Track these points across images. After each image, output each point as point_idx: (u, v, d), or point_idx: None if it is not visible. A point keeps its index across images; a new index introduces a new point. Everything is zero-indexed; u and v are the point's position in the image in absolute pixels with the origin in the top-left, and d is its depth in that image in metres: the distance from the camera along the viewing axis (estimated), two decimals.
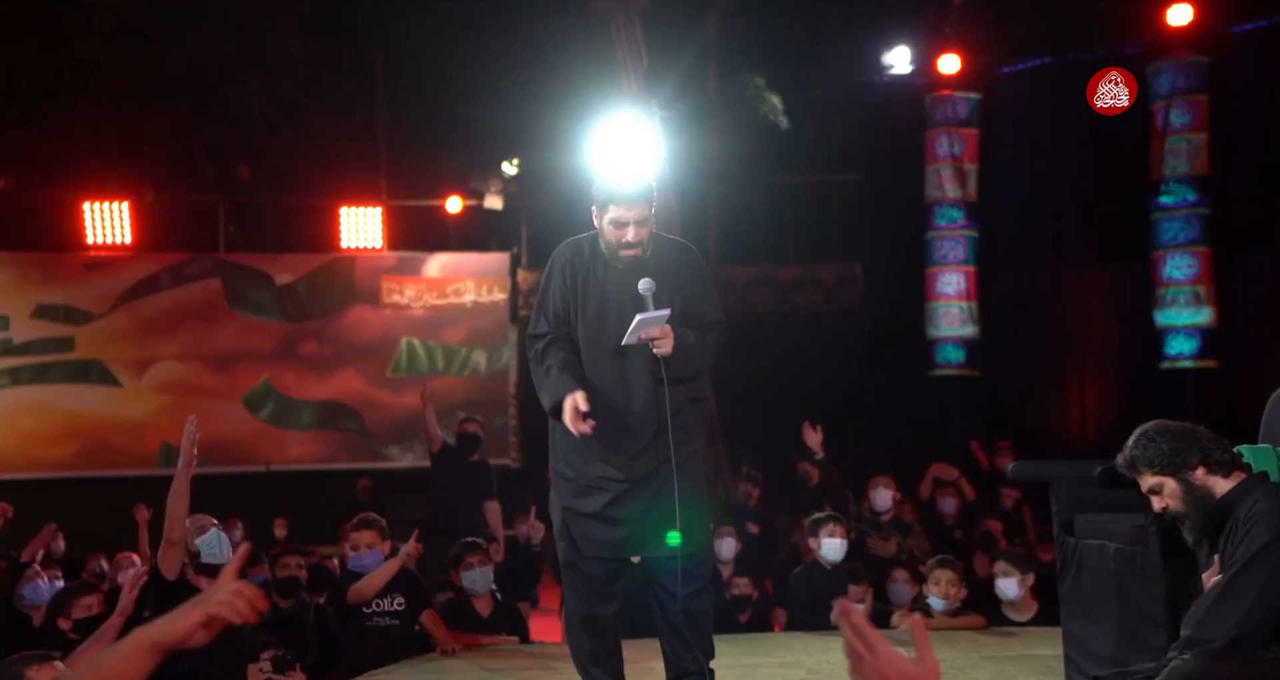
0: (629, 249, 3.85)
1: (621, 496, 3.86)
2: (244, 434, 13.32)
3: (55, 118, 12.82)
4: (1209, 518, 3.28)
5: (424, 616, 5.46)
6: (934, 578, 5.58)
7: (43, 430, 13.23)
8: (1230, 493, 3.27)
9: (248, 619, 2.04)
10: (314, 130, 13.15)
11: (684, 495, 3.80)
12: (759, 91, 12.94)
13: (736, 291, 13.14)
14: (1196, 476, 3.29)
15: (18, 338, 13.19)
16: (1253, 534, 3.10)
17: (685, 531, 3.81)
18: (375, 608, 5.41)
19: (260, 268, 13.54)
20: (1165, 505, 3.34)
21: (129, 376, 13.33)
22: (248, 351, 13.51)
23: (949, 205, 12.92)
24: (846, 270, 13.46)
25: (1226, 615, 3.03)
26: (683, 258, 4.01)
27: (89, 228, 13.14)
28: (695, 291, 3.95)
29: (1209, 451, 3.30)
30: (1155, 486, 3.34)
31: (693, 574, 3.90)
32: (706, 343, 3.89)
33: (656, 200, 3.99)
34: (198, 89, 12.82)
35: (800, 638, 5.60)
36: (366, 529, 5.55)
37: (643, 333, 3.75)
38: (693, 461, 3.91)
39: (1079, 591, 3.91)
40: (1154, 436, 3.34)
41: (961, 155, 12.97)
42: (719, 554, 6.91)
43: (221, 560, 4.89)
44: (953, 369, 12.84)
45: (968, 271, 12.85)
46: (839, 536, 5.97)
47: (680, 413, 3.85)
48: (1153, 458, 3.32)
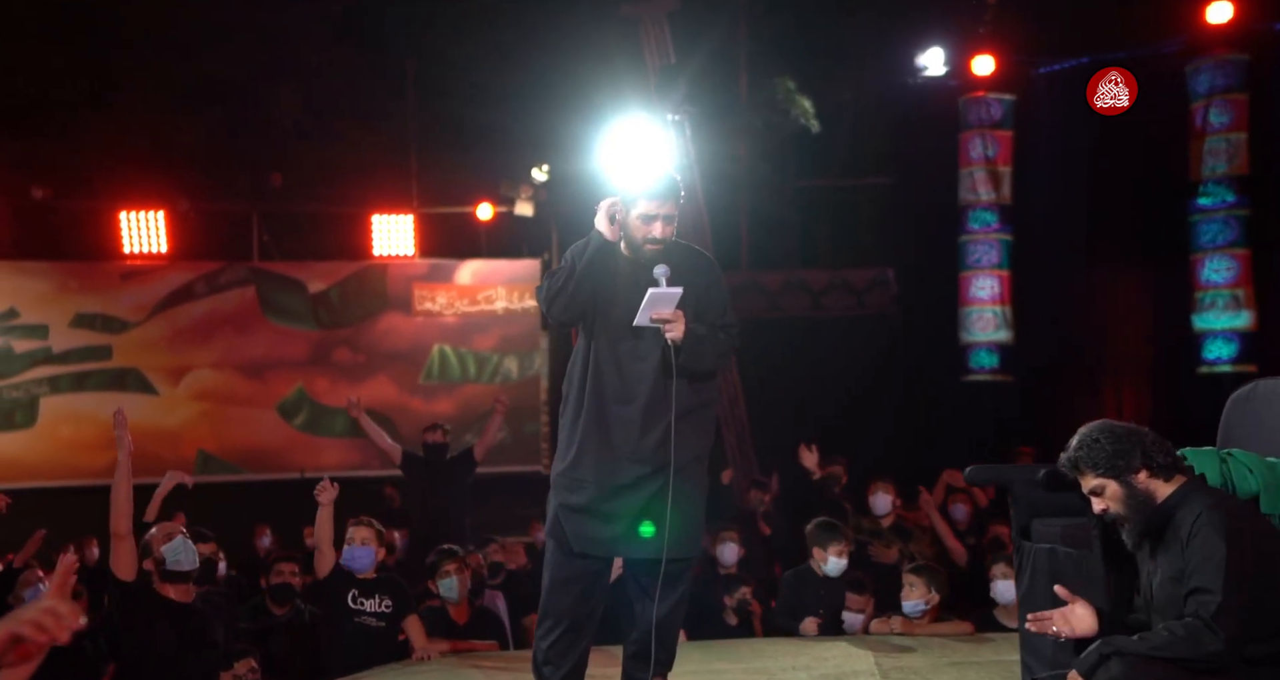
0: (654, 244, 3.86)
1: (617, 492, 3.82)
2: (278, 441, 13.42)
3: (91, 128, 12.97)
4: (1149, 521, 3.28)
5: (407, 622, 5.51)
6: (908, 582, 5.59)
7: (82, 438, 13.38)
8: (1171, 497, 3.27)
9: (58, 639, 1.90)
10: (346, 138, 13.23)
11: (681, 499, 3.77)
12: (790, 94, 12.88)
13: (767, 296, 13.08)
14: (1139, 480, 3.28)
15: (57, 346, 13.36)
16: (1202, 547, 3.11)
17: (676, 536, 3.77)
18: (362, 607, 5.47)
19: (293, 275, 13.64)
20: (1106, 507, 3.33)
21: (165, 384, 13.46)
22: (282, 359, 13.61)
23: (982, 208, 12.79)
24: (878, 275, 13.36)
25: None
26: (697, 262, 4.01)
27: (125, 237, 13.27)
28: (707, 294, 3.95)
29: (1152, 455, 3.29)
30: (1097, 488, 3.32)
31: (675, 580, 3.87)
32: (718, 338, 3.89)
33: (683, 201, 3.98)
34: (230, 98, 12.93)
35: (777, 643, 5.57)
36: (364, 526, 5.63)
37: (653, 313, 3.74)
38: (693, 466, 3.87)
39: (1033, 595, 3.90)
40: (1098, 438, 3.31)
41: (995, 158, 12.84)
42: (720, 558, 6.89)
43: (187, 567, 4.94)
44: (986, 374, 12.72)
45: (1001, 275, 12.72)
46: (844, 557, 5.94)
47: (689, 414, 3.82)
48: (1096, 459, 3.29)
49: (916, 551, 7.03)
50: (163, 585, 4.95)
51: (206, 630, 5.02)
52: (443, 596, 5.86)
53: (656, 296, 3.73)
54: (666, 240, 3.87)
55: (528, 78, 12.36)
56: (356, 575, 5.57)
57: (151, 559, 4.96)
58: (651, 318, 3.75)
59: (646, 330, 3.80)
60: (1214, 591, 3.05)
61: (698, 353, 3.80)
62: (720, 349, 3.90)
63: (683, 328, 3.75)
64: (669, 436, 3.76)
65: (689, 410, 3.83)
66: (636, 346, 3.85)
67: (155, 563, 4.95)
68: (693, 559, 3.99)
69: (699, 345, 3.80)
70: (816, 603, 5.83)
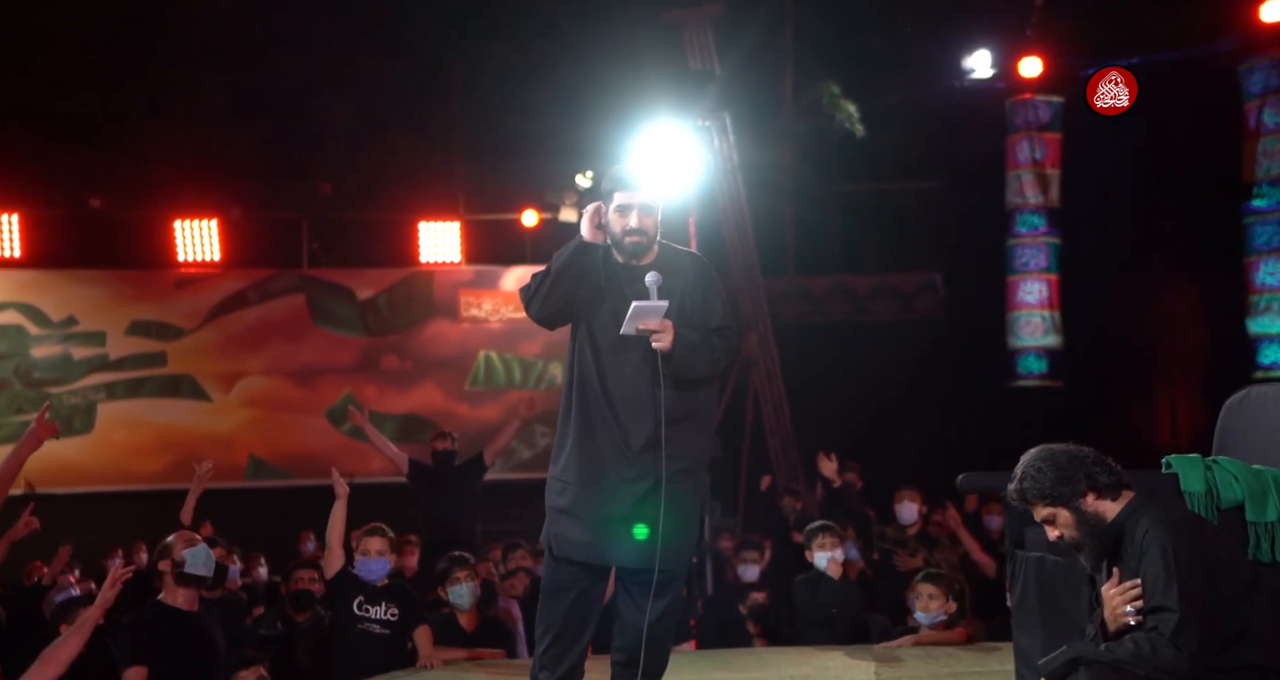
0: (633, 235, 3.81)
1: (601, 498, 3.76)
2: (327, 447, 13.56)
3: (147, 139, 13.22)
4: (1103, 543, 3.27)
5: (416, 632, 5.50)
6: (917, 592, 5.53)
7: (137, 443, 13.62)
8: (1119, 515, 3.25)
9: None
10: (393, 146, 13.37)
11: (670, 508, 3.69)
12: (834, 99, 12.84)
13: (812, 301, 13.06)
14: (1087, 504, 3.26)
15: (113, 353, 13.62)
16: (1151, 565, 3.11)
17: (667, 544, 3.70)
18: (367, 614, 5.47)
19: (342, 283, 13.81)
20: (1060, 534, 3.32)
21: (217, 391, 13.67)
22: (330, 365, 13.78)
23: (1030, 212, 12.67)
24: (925, 279, 13.27)
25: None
26: (689, 264, 3.95)
27: (179, 245, 13.51)
28: (699, 297, 3.86)
29: (1095, 475, 3.27)
30: (1048, 517, 3.31)
31: (663, 589, 3.79)
32: (711, 345, 3.80)
33: (664, 198, 3.94)
34: (281, 108, 13.12)
35: (781, 652, 5.54)
36: (378, 536, 5.62)
37: (640, 323, 3.68)
38: (684, 476, 3.77)
39: (1025, 604, 3.89)
40: (1040, 467, 3.29)
41: (1043, 160, 12.71)
42: (741, 577, 6.84)
43: (204, 574, 4.99)
44: (1035, 380, 12.58)
45: (1050, 279, 12.59)
46: (830, 548, 5.88)
47: (680, 422, 3.75)
48: (1041, 489, 3.27)
49: (942, 560, 6.94)
50: (174, 589, 4.96)
51: (208, 638, 5.03)
52: (453, 604, 5.86)
53: (641, 309, 3.68)
54: (645, 231, 3.82)
55: (572, 85, 12.42)
56: (365, 582, 5.55)
57: (169, 561, 4.97)
58: (639, 328, 3.70)
59: (660, 356, 3.73)
60: (1172, 609, 3.05)
61: (689, 362, 3.73)
62: (715, 355, 3.80)
63: (670, 338, 3.68)
64: (656, 443, 3.70)
65: (680, 418, 3.76)
66: (624, 351, 3.79)
67: (172, 564, 4.96)
68: (681, 569, 3.90)
69: (691, 355, 3.72)
70: (828, 606, 5.78)
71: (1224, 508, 3.51)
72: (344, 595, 5.53)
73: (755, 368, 12.35)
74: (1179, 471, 3.53)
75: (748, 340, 12.31)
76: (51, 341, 13.55)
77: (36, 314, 13.56)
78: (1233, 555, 3.28)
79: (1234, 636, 3.12)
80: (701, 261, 4.01)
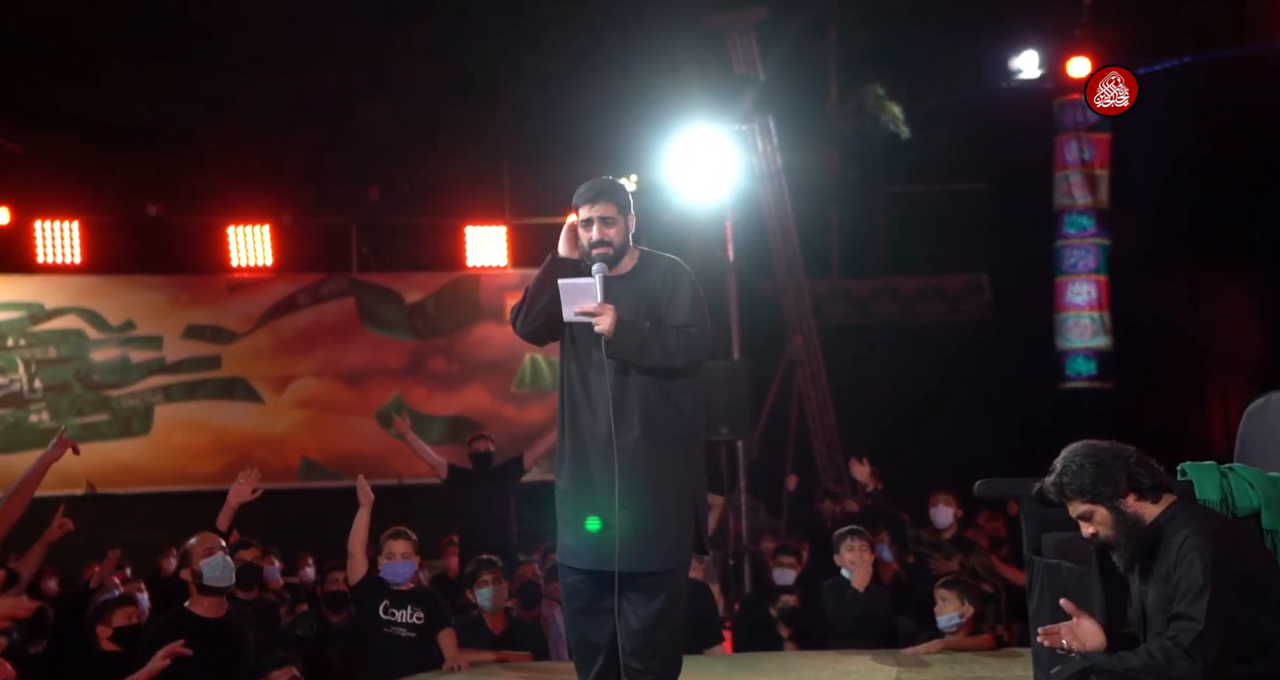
0: (598, 247, 3.92)
1: (586, 502, 3.81)
2: (377, 449, 13.73)
3: (201, 146, 13.48)
4: (1140, 544, 3.20)
5: (441, 635, 5.53)
6: (941, 597, 5.50)
7: (193, 445, 13.88)
8: (1160, 518, 3.19)
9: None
10: (441, 152, 13.52)
11: (643, 511, 3.71)
12: (879, 101, 12.81)
13: (857, 304, 13.04)
14: (1127, 504, 3.21)
15: (170, 357, 13.88)
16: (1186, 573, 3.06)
17: (648, 546, 3.72)
18: (392, 617, 5.52)
19: (391, 286, 13.98)
20: (1095, 532, 3.26)
21: (270, 393, 13.90)
22: (380, 368, 13.96)
23: (1079, 212, 12.58)
24: (972, 281, 13.20)
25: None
26: (665, 266, 4.00)
27: (233, 250, 13.75)
28: (667, 294, 3.90)
29: (1137, 476, 3.21)
30: (1085, 514, 3.25)
31: (650, 594, 3.78)
32: (664, 336, 3.78)
33: (626, 204, 4.02)
34: (331, 116, 13.32)
35: (806, 656, 5.54)
36: (403, 539, 5.66)
37: (576, 307, 3.74)
38: (658, 479, 3.77)
39: (1042, 611, 3.83)
40: (1081, 463, 3.23)
41: (1092, 160, 12.61)
42: (777, 581, 6.84)
43: (223, 585, 5.00)
44: (1084, 381, 12.48)
45: (1099, 280, 12.49)
46: (858, 553, 5.85)
47: (655, 424, 3.77)
48: (1080, 485, 3.21)
49: (978, 564, 6.92)
50: (197, 597, 5.02)
51: (237, 643, 5.07)
52: (480, 606, 5.92)
53: (569, 288, 3.75)
54: (609, 242, 3.92)
55: (616, 90, 12.49)
56: (390, 586, 5.61)
57: (189, 570, 5.02)
58: (576, 312, 3.74)
59: (603, 340, 3.77)
60: (1195, 619, 3.00)
61: (626, 344, 3.72)
62: (669, 347, 3.76)
63: (610, 320, 3.71)
64: (630, 443, 3.74)
65: (656, 420, 3.78)
66: (599, 358, 3.82)
67: (193, 575, 5.00)
68: (668, 573, 3.82)
69: (633, 337, 3.72)
70: (853, 613, 5.77)
71: (1239, 515, 3.48)
72: (369, 600, 5.58)
73: (800, 369, 12.35)
74: (1194, 479, 3.49)
75: (792, 341, 12.32)
76: (111, 345, 13.86)
77: (96, 319, 13.87)
78: (1269, 568, 3.23)
79: (1263, 648, 3.08)
80: (676, 264, 4.04)
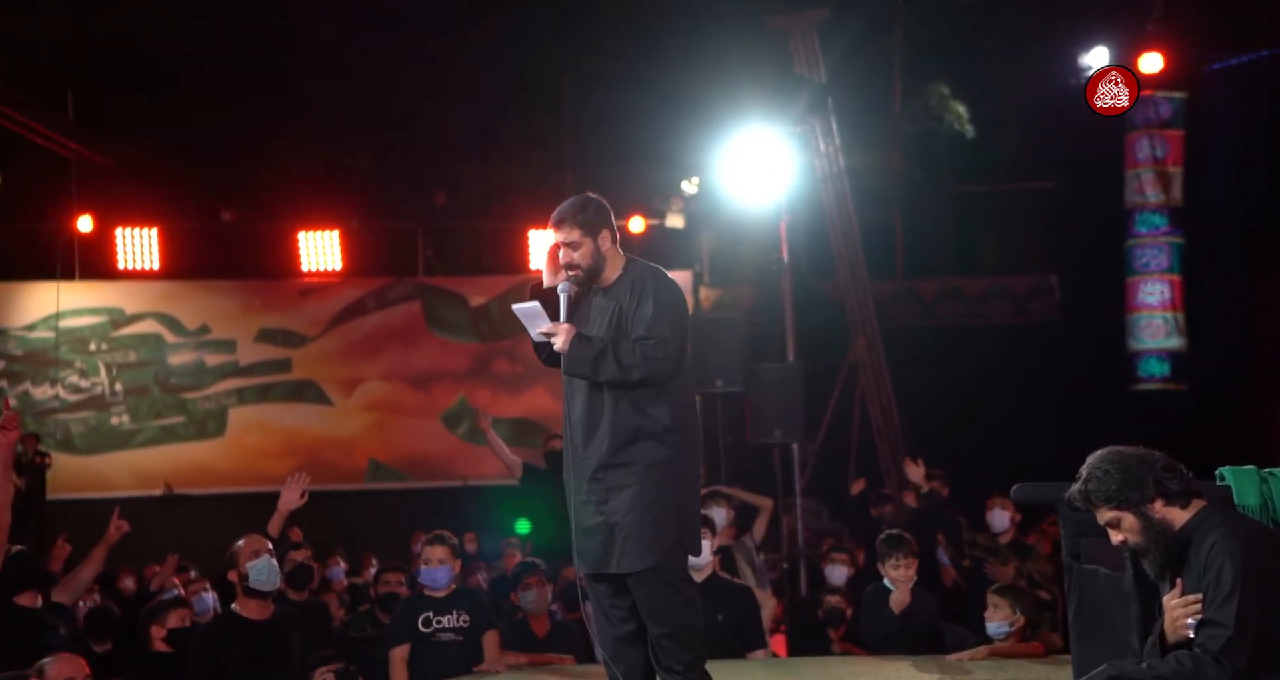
0: (569, 269, 4.00)
1: (574, 508, 3.99)
2: (443, 450, 13.92)
3: (272, 153, 13.76)
4: (1169, 551, 3.14)
5: (486, 637, 5.55)
6: (992, 603, 5.41)
7: (266, 447, 14.17)
8: (1189, 523, 3.12)
9: None
10: (504, 157, 13.66)
11: (619, 510, 3.85)
12: (944, 100, 12.68)
13: (922, 305, 12.91)
14: (1154, 510, 3.14)
15: (243, 360, 14.22)
16: (1216, 579, 3.00)
17: (620, 548, 3.86)
18: (438, 624, 5.55)
19: (456, 290, 14.18)
20: (1124, 539, 3.19)
21: (339, 395, 14.15)
22: (445, 371, 14.14)
23: (1151, 211, 12.32)
24: (1041, 281, 13.00)
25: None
26: (645, 278, 4.04)
27: (303, 255, 14.03)
28: (630, 307, 3.97)
29: (1164, 481, 3.14)
30: (1113, 521, 3.19)
31: (640, 594, 3.91)
32: (619, 350, 3.86)
33: (592, 225, 4.02)
34: (396, 122, 13.52)
35: (846, 662, 5.49)
36: (440, 545, 5.69)
37: (536, 328, 3.92)
38: (626, 483, 3.87)
39: (1081, 618, 3.79)
40: (1107, 469, 3.17)
41: (1164, 158, 12.34)
42: (829, 579, 6.79)
43: (269, 588, 5.05)
44: (1156, 383, 12.21)
45: (1172, 280, 12.22)
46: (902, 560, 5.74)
47: (623, 426, 3.88)
48: (1107, 491, 3.16)
49: (1035, 570, 6.79)
50: (243, 599, 5.08)
51: (283, 645, 5.12)
52: (524, 609, 5.96)
53: (521, 312, 3.96)
54: (575, 265, 3.98)
55: (677, 94, 12.51)
56: (428, 594, 5.62)
57: (236, 572, 5.08)
58: (539, 333, 3.92)
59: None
60: (1225, 625, 2.95)
61: (579, 361, 3.86)
62: (624, 361, 3.84)
63: (563, 339, 3.86)
64: (600, 453, 3.89)
65: (625, 430, 3.88)
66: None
67: (239, 577, 5.06)
68: (643, 573, 3.89)
69: (582, 354, 3.85)
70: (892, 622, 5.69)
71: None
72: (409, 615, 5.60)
73: (863, 371, 12.24)
74: (1233, 483, 3.42)
75: (855, 344, 12.22)
76: (187, 349, 14.22)
77: (173, 323, 14.24)
78: None
79: None
80: (646, 276, 4.06)
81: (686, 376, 4.04)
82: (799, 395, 9.03)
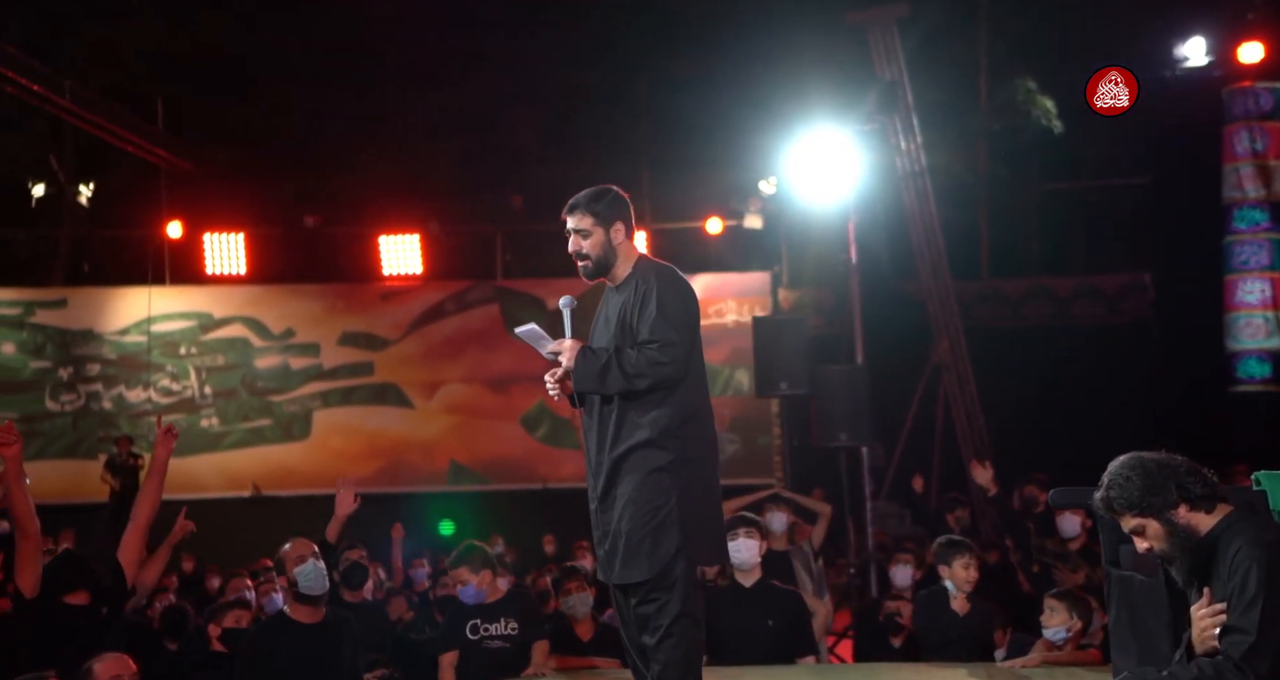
0: (578, 259, 3.95)
1: (594, 514, 3.94)
2: (523, 453, 13.93)
3: (354, 159, 13.97)
4: (1196, 557, 3.00)
5: (535, 646, 5.43)
6: (1049, 608, 5.17)
7: (350, 449, 14.32)
8: (1214, 529, 3.00)
9: None
10: (581, 159, 13.65)
11: (619, 522, 3.78)
12: (1030, 95, 12.35)
13: (1009, 305, 12.56)
14: (1178, 516, 3.01)
15: (327, 363, 14.39)
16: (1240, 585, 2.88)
17: (620, 560, 3.78)
18: (485, 631, 5.46)
19: (533, 293, 14.17)
20: (1150, 546, 3.06)
21: (420, 398, 14.25)
22: (524, 373, 14.10)
23: (1250, 206, 11.85)
24: (1133, 280, 12.56)
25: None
26: (650, 278, 3.92)
27: (384, 259, 14.15)
28: (636, 310, 3.87)
29: (1188, 486, 2.99)
30: (1137, 528, 3.06)
31: (639, 604, 3.81)
32: (621, 360, 3.77)
33: (605, 215, 3.90)
34: (474, 126, 13.62)
35: (898, 669, 5.29)
36: (459, 566, 5.55)
37: (542, 349, 3.89)
38: (623, 494, 3.79)
39: (1119, 624, 3.69)
40: (1129, 475, 3.02)
41: (1265, 151, 11.87)
42: (894, 581, 6.58)
43: (318, 593, 5.00)
44: (1257, 385, 11.73)
45: (1273, 278, 11.75)
46: (960, 562, 5.50)
47: (621, 436, 3.80)
48: (1130, 499, 3.02)
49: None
50: (295, 606, 5.07)
51: (333, 648, 5.07)
52: (567, 613, 5.86)
53: (523, 335, 3.93)
54: (584, 254, 3.91)
55: (754, 94, 12.39)
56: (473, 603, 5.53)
57: (285, 577, 5.05)
58: (548, 351, 3.88)
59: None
60: (1248, 632, 2.85)
61: (585, 376, 3.79)
62: (627, 370, 3.75)
63: (570, 356, 3.80)
64: (606, 463, 3.82)
65: (622, 440, 3.80)
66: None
67: (289, 582, 5.06)
68: (644, 585, 3.78)
69: (587, 369, 3.78)
70: (951, 627, 5.47)
71: None
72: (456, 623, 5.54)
73: (946, 373, 11.94)
74: (1268, 488, 3.31)
75: (938, 345, 11.93)
76: (273, 353, 14.45)
77: (259, 327, 14.48)
78: None
79: None
80: (651, 276, 3.93)
81: (695, 378, 3.89)
82: (866, 398, 8.79)
